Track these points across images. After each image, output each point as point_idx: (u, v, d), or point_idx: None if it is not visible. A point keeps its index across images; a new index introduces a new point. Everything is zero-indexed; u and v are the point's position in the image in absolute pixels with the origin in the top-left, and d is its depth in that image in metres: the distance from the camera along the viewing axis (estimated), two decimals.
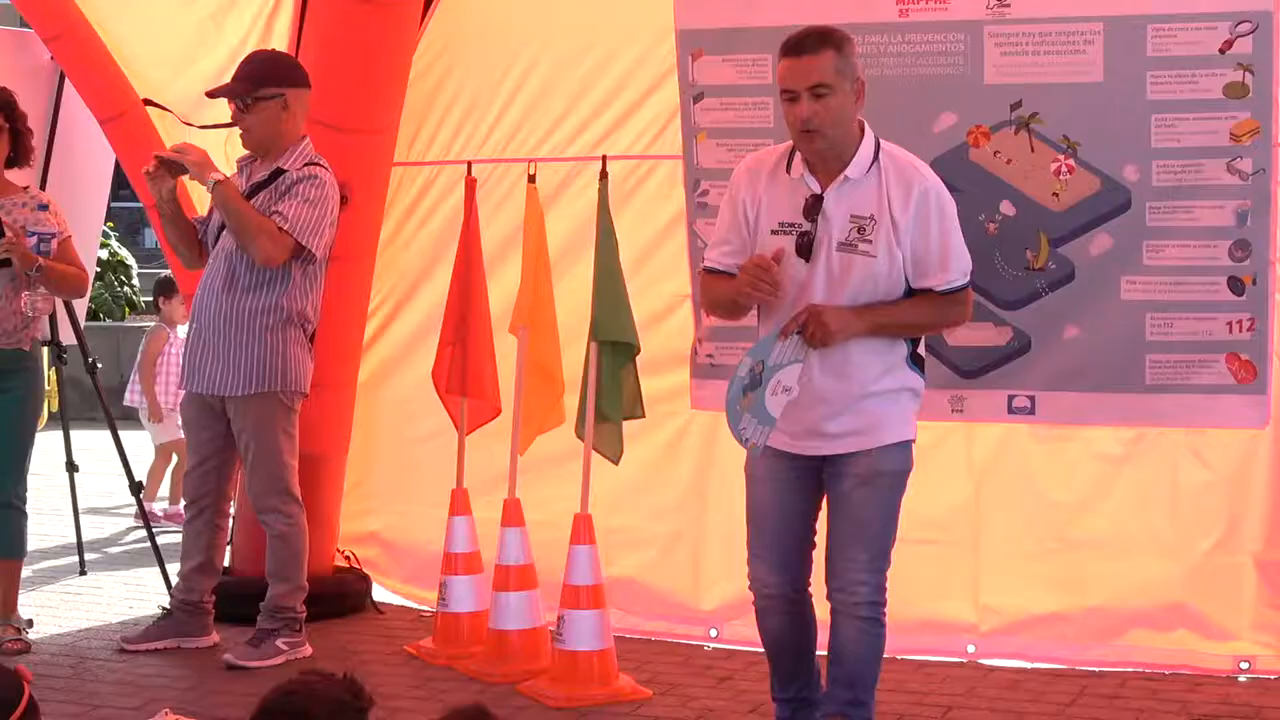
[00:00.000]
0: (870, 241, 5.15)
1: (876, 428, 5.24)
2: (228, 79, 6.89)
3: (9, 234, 6.70)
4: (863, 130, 5.23)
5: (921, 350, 5.39)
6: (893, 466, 5.28)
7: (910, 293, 5.24)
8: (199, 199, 7.22)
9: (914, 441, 5.39)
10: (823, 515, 5.42)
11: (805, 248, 5.19)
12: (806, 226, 5.20)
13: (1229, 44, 6.15)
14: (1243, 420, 6.38)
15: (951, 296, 5.26)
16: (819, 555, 5.42)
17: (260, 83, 6.75)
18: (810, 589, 5.44)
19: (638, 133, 7.17)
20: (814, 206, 5.19)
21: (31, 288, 6.84)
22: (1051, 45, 6.33)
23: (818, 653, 5.53)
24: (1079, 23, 6.29)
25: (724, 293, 5.37)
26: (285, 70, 6.86)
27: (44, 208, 6.97)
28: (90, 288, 7.67)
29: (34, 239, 6.80)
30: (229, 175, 6.81)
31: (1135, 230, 6.32)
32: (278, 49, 7.21)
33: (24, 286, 6.83)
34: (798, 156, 5.26)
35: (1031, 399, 6.53)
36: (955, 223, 5.26)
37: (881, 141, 5.27)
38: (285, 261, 6.69)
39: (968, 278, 5.29)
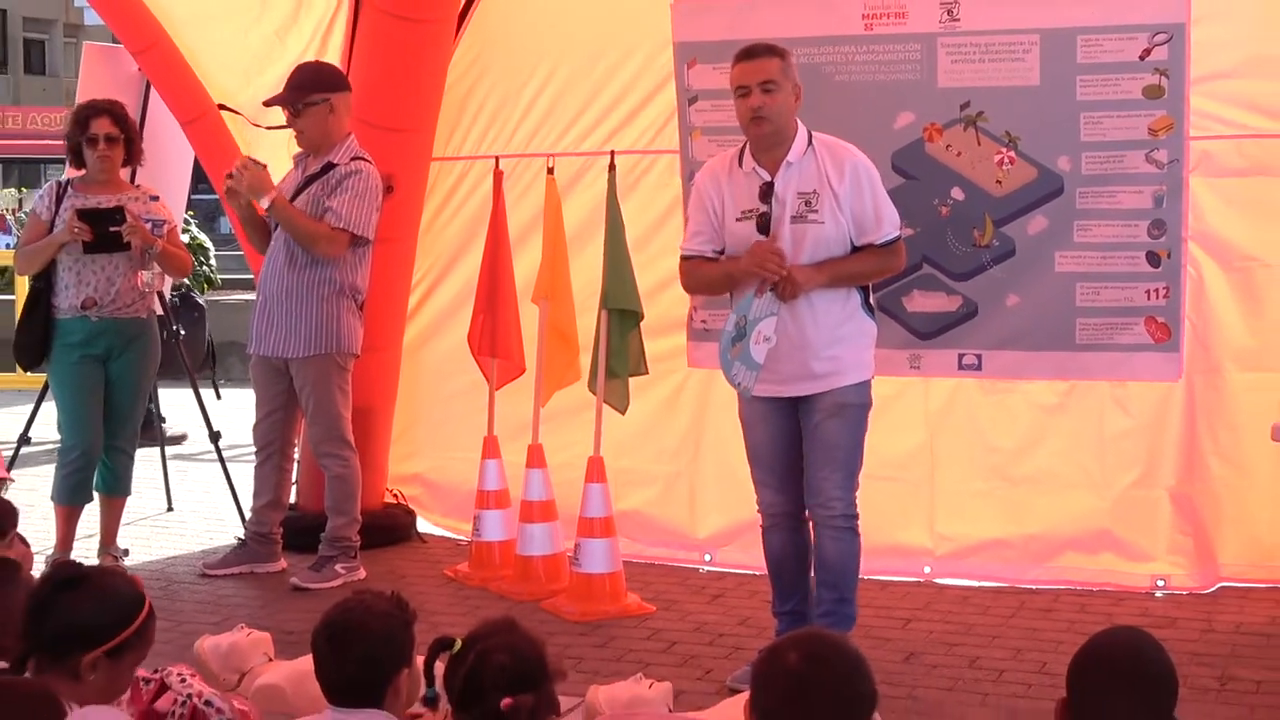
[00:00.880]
0: (816, 212, 5.33)
1: (841, 371, 5.37)
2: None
3: (130, 219, 6.72)
4: (796, 127, 5.40)
5: (872, 301, 5.52)
6: (856, 400, 5.41)
7: (855, 250, 5.38)
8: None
9: (872, 379, 5.49)
10: None
11: (764, 226, 5.35)
12: (764, 209, 5.36)
13: (1147, 52, 6.13)
14: (1159, 374, 6.38)
15: (889, 247, 5.42)
16: None
17: (308, 90, 6.72)
18: (807, 511, 5.51)
19: (641, 131, 7.15)
20: (767, 191, 5.37)
21: (147, 267, 6.85)
22: (995, 54, 6.31)
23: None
24: (1018, 34, 6.27)
25: (716, 272, 5.50)
26: (329, 78, 6.82)
27: (155, 199, 7.00)
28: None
29: (149, 225, 6.82)
30: (289, 170, 6.87)
31: (1067, 212, 6.31)
32: (322, 60, 7.16)
33: (140, 266, 6.83)
34: (747, 154, 5.45)
35: (978, 357, 6.52)
36: (881, 187, 5.43)
37: (813, 133, 5.43)
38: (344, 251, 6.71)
39: (898, 230, 5.43)
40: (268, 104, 6.94)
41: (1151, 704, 3.11)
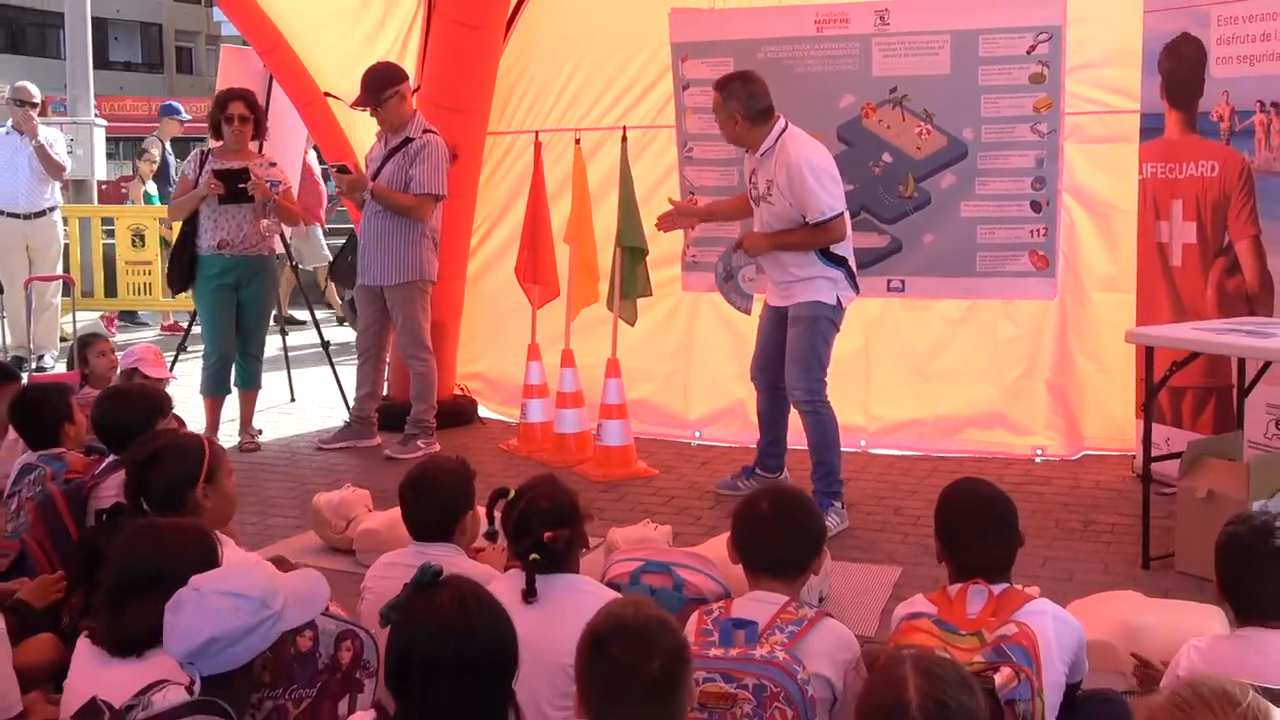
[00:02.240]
0: (771, 195, 5.42)
1: (794, 295, 5.51)
2: None
3: (254, 178, 6.71)
4: (756, 135, 5.42)
5: (841, 251, 5.46)
6: (804, 314, 5.49)
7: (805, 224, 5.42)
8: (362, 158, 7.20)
9: (825, 304, 5.46)
10: None
11: (754, 197, 5.54)
12: (750, 185, 5.52)
13: (1033, 48, 6.08)
14: (1039, 294, 6.38)
15: (820, 226, 5.37)
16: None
17: (382, 89, 6.63)
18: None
19: (647, 110, 7.10)
20: (754, 173, 5.50)
21: (267, 216, 6.84)
22: (916, 50, 6.25)
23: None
24: (934, 35, 6.23)
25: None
26: (392, 74, 6.72)
27: (274, 165, 6.98)
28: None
29: (269, 184, 6.80)
30: (373, 143, 6.85)
31: (970, 171, 6.28)
32: (381, 60, 6.97)
33: (261, 215, 6.82)
34: None
35: (903, 281, 6.52)
36: (814, 181, 5.31)
37: (788, 129, 5.42)
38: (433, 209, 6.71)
39: (825, 215, 5.34)
40: (353, 107, 6.89)
41: (989, 531, 3.17)
